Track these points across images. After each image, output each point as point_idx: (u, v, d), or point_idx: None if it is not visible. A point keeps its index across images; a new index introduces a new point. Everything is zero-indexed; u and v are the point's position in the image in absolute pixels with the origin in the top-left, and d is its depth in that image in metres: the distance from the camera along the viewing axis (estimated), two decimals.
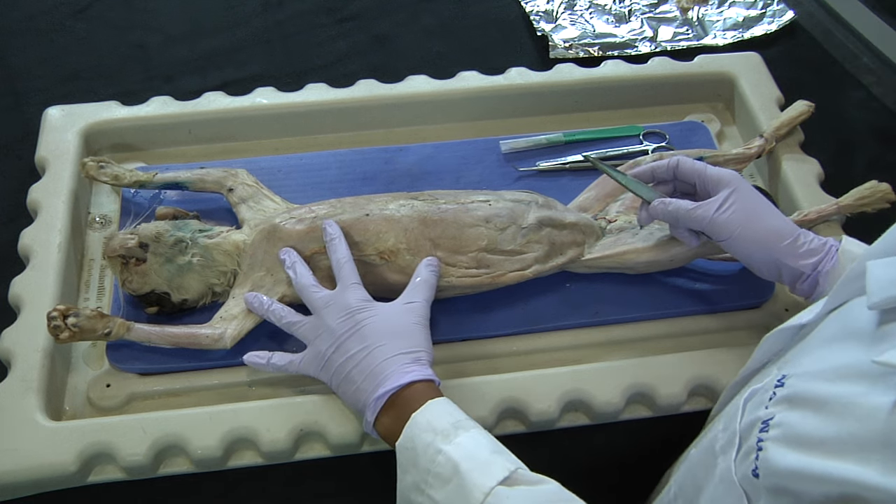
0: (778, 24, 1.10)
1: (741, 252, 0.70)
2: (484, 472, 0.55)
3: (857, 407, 0.40)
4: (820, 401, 0.42)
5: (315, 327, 0.68)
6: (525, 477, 0.55)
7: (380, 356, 0.64)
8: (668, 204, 0.72)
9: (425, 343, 0.67)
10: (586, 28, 1.09)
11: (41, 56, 1.04)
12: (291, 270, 0.72)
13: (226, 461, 0.68)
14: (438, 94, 0.93)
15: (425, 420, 0.59)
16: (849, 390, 0.41)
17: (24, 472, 0.65)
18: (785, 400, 0.45)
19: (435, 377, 0.65)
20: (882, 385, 0.39)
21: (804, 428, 0.42)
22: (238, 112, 0.91)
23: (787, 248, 0.68)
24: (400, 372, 0.63)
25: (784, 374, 0.47)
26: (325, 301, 0.68)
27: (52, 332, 0.68)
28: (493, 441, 0.59)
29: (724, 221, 0.69)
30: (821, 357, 0.47)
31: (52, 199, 0.81)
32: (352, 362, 0.64)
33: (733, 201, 0.69)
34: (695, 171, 0.73)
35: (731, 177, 0.71)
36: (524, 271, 0.77)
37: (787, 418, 0.44)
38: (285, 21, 1.10)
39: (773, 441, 0.44)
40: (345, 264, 0.71)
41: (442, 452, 0.56)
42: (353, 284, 0.69)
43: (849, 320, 0.47)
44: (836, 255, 0.67)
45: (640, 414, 0.73)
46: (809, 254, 0.68)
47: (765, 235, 0.68)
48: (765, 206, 0.70)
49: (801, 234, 0.69)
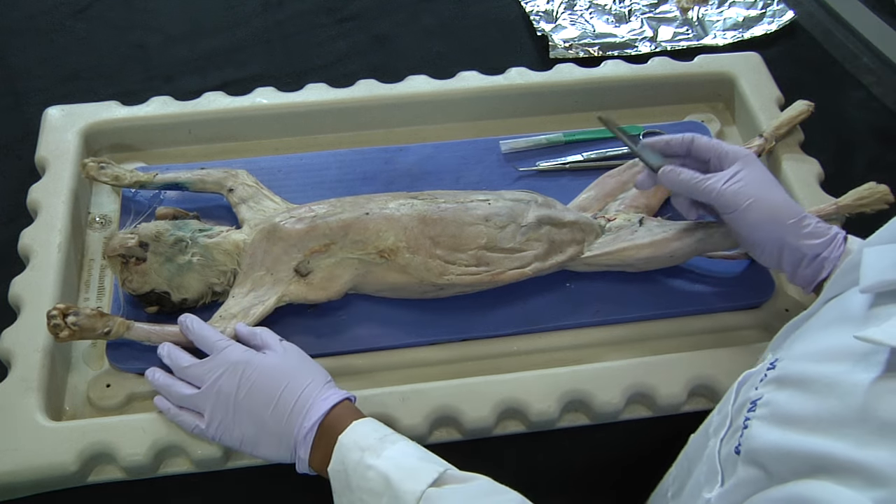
0: (778, 24, 1.10)
1: (746, 227, 0.70)
2: (413, 478, 0.55)
3: (838, 385, 0.40)
4: (806, 380, 0.43)
5: (205, 395, 0.64)
6: (454, 476, 0.56)
7: (295, 391, 0.63)
8: (679, 173, 0.72)
9: (320, 368, 0.67)
10: (586, 28, 1.09)
11: (41, 56, 1.04)
12: (167, 359, 0.68)
13: (226, 461, 0.68)
14: (438, 94, 0.93)
15: (351, 441, 0.59)
16: (833, 369, 0.42)
17: (24, 472, 0.65)
18: (774, 381, 0.46)
19: (350, 394, 0.65)
20: (864, 363, 0.40)
21: (789, 406, 0.43)
22: (238, 112, 0.91)
23: (792, 226, 0.68)
24: (320, 399, 0.63)
25: (777, 358, 0.48)
26: (208, 368, 0.65)
27: (52, 330, 0.68)
28: (420, 450, 0.59)
29: (732, 194, 0.69)
30: (812, 341, 0.47)
31: (52, 199, 0.81)
32: (265, 409, 0.63)
33: (744, 175, 0.70)
34: (711, 148, 0.73)
35: (745, 153, 0.72)
36: (524, 269, 0.77)
37: (775, 398, 0.45)
38: (285, 21, 1.10)
39: (758, 419, 0.45)
40: (208, 332, 0.68)
41: (372, 468, 0.56)
42: (226, 345, 0.66)
43: (843, 307, 0.48)
44: (843, 244, 0.67)
45: (640, 414, 0.73)
46: (814, 235, 0.68)
47: (772, 211, 0.68)
48: (774, 183, 0.71)
49: (807, 216, 0.69)
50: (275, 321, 0.74)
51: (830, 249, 0.67)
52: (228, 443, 0.64)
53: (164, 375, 0.68)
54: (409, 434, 0.68)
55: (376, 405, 0.69)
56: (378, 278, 0.75)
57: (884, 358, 0.39)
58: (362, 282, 0.76)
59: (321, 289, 0.75)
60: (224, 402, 0.64)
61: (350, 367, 0.75)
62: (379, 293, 0.78)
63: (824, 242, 0.67)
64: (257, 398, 0.63)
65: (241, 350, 0.66)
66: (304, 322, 0.76)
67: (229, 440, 0.64)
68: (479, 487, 0.55)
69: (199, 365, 0.66)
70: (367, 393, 0.69)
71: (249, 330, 0.70)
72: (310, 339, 0.74)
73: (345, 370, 0.74)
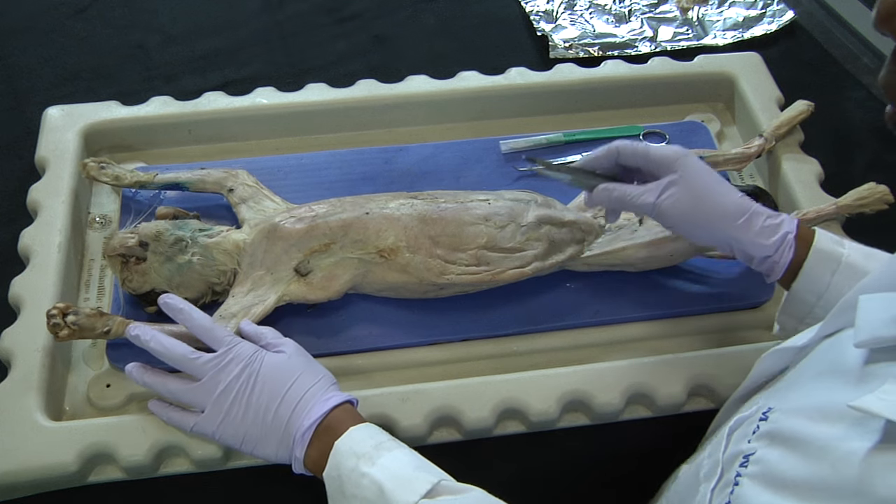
0: (778, 24, 1.10)
1: (692, 236, 0.68)
2: (407, 488, 0.55)
3: (832, 451, 0.39)
4: (799, 440, 0.42)
5: (208, 390, 0.64)
6: (448, 487, 0.56)
7: (300, 390, 0.63)
8: (612, 190, 0.68)
9: (325, 370, 0.67)
10: (586, 28, 1.09)
11: (41, 56, 1.04)
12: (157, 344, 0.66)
13: (226, 461, 0.68)
14: (438, 94, 0.93)
15: (347, 447, 0.59)
16: (827, 432, 0.40)
17: (24, 472, 0.65)
18: (767, 435, 0.45)
19: (352, 397, 0.65)
20: (859, 429, 0.38)
21: (781, 468, 0.42)
22: (238, 112, 0.91)
23: (740, 227, 0.65)
24: (321, 400, 0.63)
25: (770, 407, 0.46)
26: (215, 362, 0.64)
27: (52, 329, 0.68)
28: (416, 458, 0.59)
29: (668, 207, 0.65)
30: (806, 393, 0.46)
31: (52, 199, 0.81)
32: (270, 406, 0.62)
33: (678, 184, 0.65)
34: (637, 155, 0.68)
35: (676, 157, 0.66)
36: (524, 269, 0.77)
37: (767, 455, 0.43)
38: (285, 21, 1.10)
39: (749, 478, 0.43)
40: (212, 326, 0.67)
41: (366, 476, 0.56)
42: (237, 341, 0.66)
43: (838, 355, 0.46)
44: (793, 246, 0.64)
45: (640, 414, 0.73)
46: (762, 234, 0.64)
47: (713, 218, 0.65)
48: (713, 185, 0.66)
49: (754, 213, 0.65)
50: (275, 321, 0.74)
51: (780, 253, 0.64)
52: (229, 440, 0.64)
53: (150, 370, 0.66)
54: (408, 434, 0.68)
55: (376, 405, 0.69)
56: (378, 278, 0.75)
57: (879, 426, 0.38)
58: (362, 281, 0.76)
59: (321, 288, 0.75)
60: (231, 396, 0.63)
61: (350, 367, 0.75)
62: (379, 293, 0.78)
63: (773, 244, 0.65)
64: (264, 395, 0.63)
65: (252, 346, 0.66)
66: (304, 322, 0.76)
67: (230, 437, 0.64)
68: (473, 500, 0.55)
69: (207, 358, 0.65)
70: (366, 393, 0.69)
71: (255, 328, 0.69)
72: (310, 339, 0.74)
73: (345, 370, 0.74)
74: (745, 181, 0.91)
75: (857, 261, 0.63)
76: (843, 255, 0.63)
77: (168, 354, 0.66)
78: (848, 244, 0.65)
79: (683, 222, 0.66)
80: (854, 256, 0.63)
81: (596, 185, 0.69)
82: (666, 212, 0.66)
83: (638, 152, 0.68)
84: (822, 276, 0.63)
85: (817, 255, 0.64)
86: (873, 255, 0.64)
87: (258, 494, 0.70)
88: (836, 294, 0.63)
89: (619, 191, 0.68)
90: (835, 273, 0.63)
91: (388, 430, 0.63)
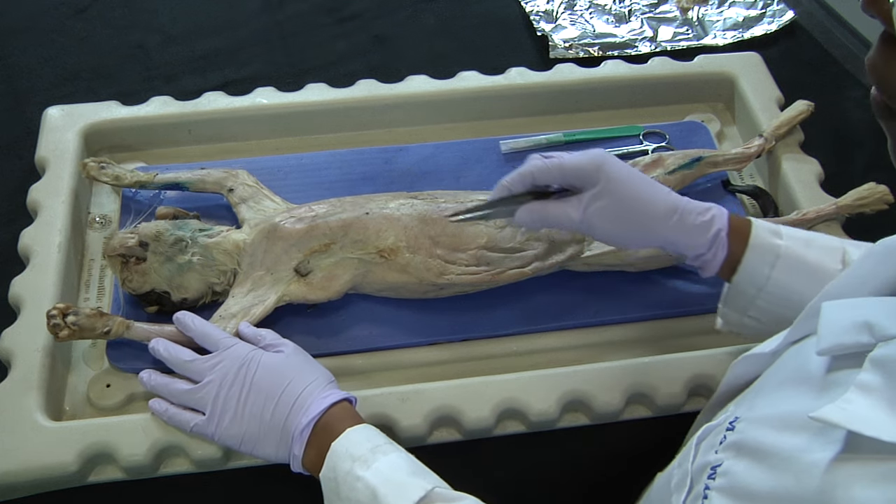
0: (778, 24, 1.10)
1: (624, 244, 0.67)
2: (400, 494, 0.55)
3: (795, 462, 0.39)
4: (763, 451, 0.41)
5: (206, 392, 0.64)
6: (442, 495, 0.55)
7: (297, 389, 0.63)
8: (532, 211, 0.64)
9: (323, 369, 0.67)
10: (586, 28, 1.09)
11: (41, 56, 1.04)
12: (165, 353, 0.67)
13: (226, 461, 0.68)
14: (438, 94, 0.93)
15: (344, 449, 0.59)
16: (790, 443, 0.40)
17: (24, 472, 0.65)
18: (733, 446, 0.44)
19: (350, 395, 0.65)
20: (821, 440, 0.38)
21: (747, 480, 0.41)
22: (238, 112, 0.91)
23: (672, 227, 0.63)
24: (319, 398, 0.63)
25: (737, 416, 0.46)
26: (210, 364, 0.65)
27: (52, 330, 0.68)
28: (412, 462, 0.59)
29: (596, 220, 0.63)
30: (770, 402, 0.46)
31: (52, 199, 0.81)
32: (268, 406, 0.63)
33: (602, 196, 0.63)
34: (551, 172, 0.63)
35: (595, 166, 0.63)
36: (524, 269, 0.77)
37: (733, 467, 0.43)
38: (285, 21, 1.10)
39: (717, 491, 0.43)
40: (211, 329, 0.68)
41: (361, 479, 0.56)
42: (233, 342, 0.67)
43: (803, 361, 0.46)
44: (725, 246, 0.63)
45: (640, 414, 0.73)
46: (696, 232, 0.63)
47: (644, 223, 0.63)
48: (639, 189, 0.63)
49: (684, 211, 0.63)
50: (275, 321, 0.74)
51: (713, 251, 0.64)
52: (228, 441, 0.64)
53: (159, 375, 0.67)
54: (408, 434, 0.68)
55: (376, 405, 0.69)
56: (378, 278, 0.75)
57: (841, 436, 0.37)
58: (362, 281, 0.76)
59: (321, 288, 0.75)
60: (228, 397, 0.63)
61: (350, 367, 0.75)
62: (379, 293, 0.78)
63: (706, 242, 0.63)
64: (261, 395, 0.63)
65: (248, 347, 0.66)
66: (304, 322, 0.76)
67: (229, 438, 0.64)
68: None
69: (204, 360, 0.66)
70: (366, 393, 0.69)
71: (254, 330, 0.69)
72: (310, 339, 0.74)
73: (344, 370, 0.74)
74: (745, 181, 0.91)
75: (795, 251, 0.63)
76: (781, 247, 0.63)
77: (169, 358, 0.67)
78: (786, 234, 0.64)
79: (615, 232, 0.64)
80: (792, 246, 0.63)
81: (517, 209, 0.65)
82: (595, 225, 0.63)
83: (552, 169, 0.63)
84: (761, 268, 0.63)
85: (755, 248, 0.63)
86: (813, 243, 0.64)
87: (258, 494, 0.70)
88: (776, 285, 0.63)
89: (538, 211, 0.64)
90: (773, 265, 0.63)
91: (388, 430, 0.63)
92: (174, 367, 0.67)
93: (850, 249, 0.63)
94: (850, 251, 0.63)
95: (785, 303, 0.63)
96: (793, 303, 0.62)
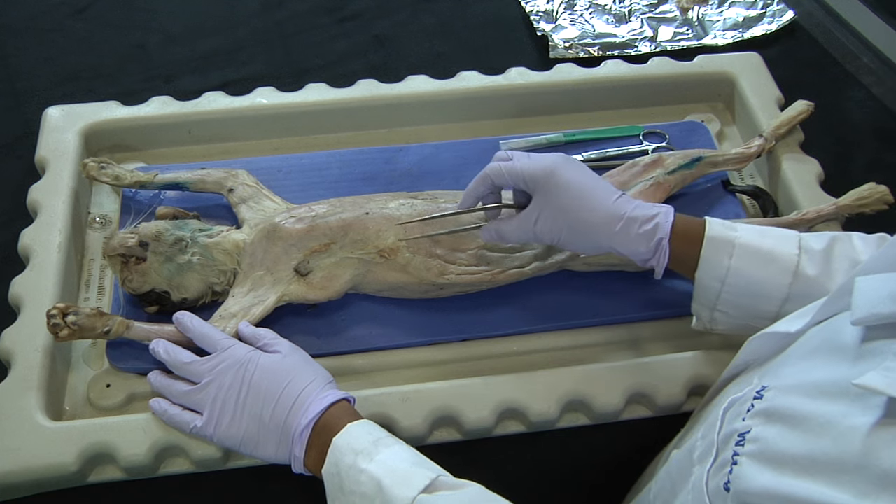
0: (778, 24, 1.10)
1: (578, 250, 0.71)
2: (405, 484, 0.55)
3: (834, 426, 0.39)
4: (798, 417, 0.42)
5: (205, 393, 0.64)
6: (446, 483, 0.56)
7: (296, 390, 0.63)
8: (492, 231, 0.71)
9: (322, 369, 0.67)
10: (586, 28, 1.09)
11: (41, 56, 1.04)
12: (165, 355, 0.67)
13: (226, 461, 0.68)
14: (438, 94, 0.93)
15: (345, 443, 0.59)
16: (827, 409, 0.40)
17: (24, 472, 0.65)
18: (763, 413, 0.45)
19: (349, 395, 0.65)
20: (861, 405, 0.39)
21: (779, 445, 0.42)
22: (238, 112, 0.91)
23: (617, 236, 0.66)
24: (318, 398, 0.63)
25: (764, 386, 0.47)
26: (209, 366, 0.65)
27: (52, 330, 0.68)
28: (414, 454, 0.59)
29: (545, 231, 0.68)
30: (802, 370, 0.46)
31: (52, 199, 0.81)
32: (267, 407, 0.63)
33: (544, 207, 0.67)
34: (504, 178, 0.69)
35: (543, 173, 0.67)
36: (524, 269, 0.77)
37: (764, 433, 0.44)
38: (285, 21, 1.10)
39: (747, 456, 0.44)
40: (210, 330, 0.68)
41: (364, 472, 0.56)
42: (231, 343, 0.67)
43: (833, 333, 0.46)
44: (666, 252, 0.66)
45: (640, 414, 0.73)
46: (640, 241, 0.66)
47: (588, 231, 0.67)
48: (581, 198, 0.67)
49: (629, 219, 0.66)
50: (275, 321, 0.74)
51: (657, 257, 0.67)
52: (227, 442, 0.64)
53: (164, 376, 0.68)
54: (408, 434, 0.68)
55: (376, 405, 0.69)
56: (378, 278, 0.75)
57: (881, 402, 0.38)
58: (362, 281, 0.76)
59: (321, 288, 0.75)
60: (226, 399, 0.64)
61: (350, 367, 0.75)
62: (379, 293, 0.78)
63: (650, 250, 0.66)
64: (259, 396, 0.63)
65: (246, 348, 0.66)
66: (304, 322, 0.76)
67: (228, 439, 0.64)
68: (471, 495, 0.55)
69: (202, 362, 0.66)
70: (366, 393, 0.69)
71: (253, 331, 0.70)
72: (310, 339, 0.74)
73: (344, 370, 0.74)
74: (745, 181, 0.91)
75: (751, 241, 0.65)
76: (736, 238, 0.65)
77: (168, 360, 0.67)
78: (741, 227, 0.67)
79: (564, 240, 0.68)
80: (747, 237, 0.65)
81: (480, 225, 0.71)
82: (546, 236, 0.68)
83: (505, 173, 0.68)
84: (721, 261, 0.65)
85: (711, 244, 0.65)
86: (768, 232, 0.66)
87: (258, 494, 0.70)
88: (737, 275, 0.65)
89: (498, 230, 0.70)
90: (731, 256, 0.65)
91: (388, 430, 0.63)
92: (173, 369, 0.67)
93: (857, 242, 0.65)
94: (856, 243, 0.65)
95: (749, 292, 0.65)
96: (756, 292, 0.64)
